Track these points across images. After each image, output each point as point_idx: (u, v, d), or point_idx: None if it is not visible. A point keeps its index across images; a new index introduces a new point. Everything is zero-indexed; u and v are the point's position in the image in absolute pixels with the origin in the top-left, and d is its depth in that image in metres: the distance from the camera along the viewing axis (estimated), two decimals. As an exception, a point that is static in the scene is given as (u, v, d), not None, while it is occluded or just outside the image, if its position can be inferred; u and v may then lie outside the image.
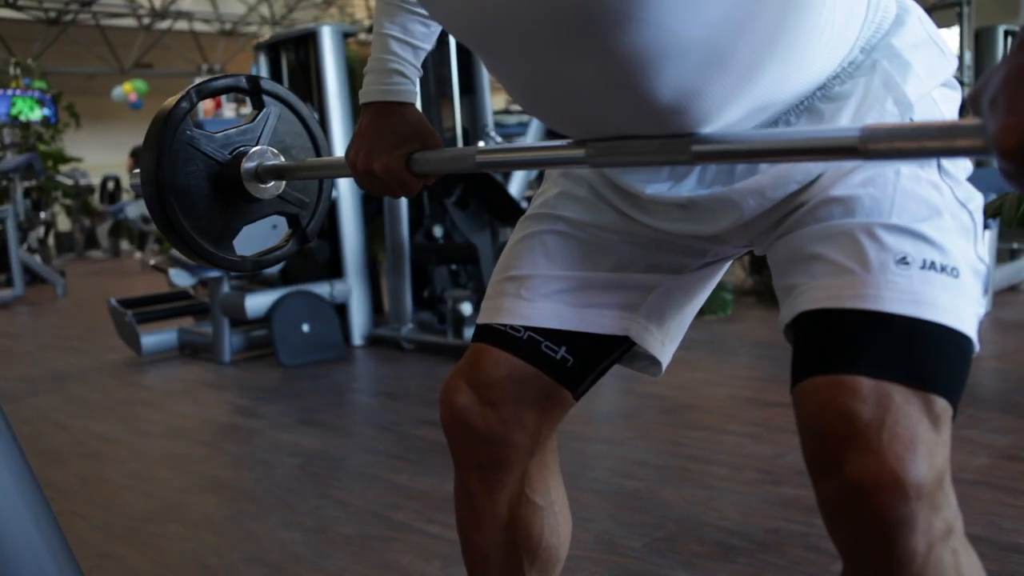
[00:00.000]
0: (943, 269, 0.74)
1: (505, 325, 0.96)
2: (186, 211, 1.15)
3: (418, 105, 1.05)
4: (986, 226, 3.81)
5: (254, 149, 1.20)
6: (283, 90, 1.27)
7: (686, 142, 0.76)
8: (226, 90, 1.24)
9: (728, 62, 0.75)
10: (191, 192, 1.16)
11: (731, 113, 0.79)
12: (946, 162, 0.81)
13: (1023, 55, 0.52)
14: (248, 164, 1.18)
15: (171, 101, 1.15)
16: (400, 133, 0.99)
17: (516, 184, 4.08)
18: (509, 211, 3.85)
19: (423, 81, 4.29)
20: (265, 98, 1.25)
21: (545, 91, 0.84)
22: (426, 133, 1.00)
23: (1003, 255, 4.51)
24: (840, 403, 0.69)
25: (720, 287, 4.29)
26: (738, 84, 0.77)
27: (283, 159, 1.22)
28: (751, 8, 0.72)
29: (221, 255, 1.19)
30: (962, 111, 0.87)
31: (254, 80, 1.24)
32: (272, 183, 1.19)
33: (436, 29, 1.05)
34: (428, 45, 1.05)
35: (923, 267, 0.74)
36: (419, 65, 1.05)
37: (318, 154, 1.29)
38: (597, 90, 0.79)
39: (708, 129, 0.80)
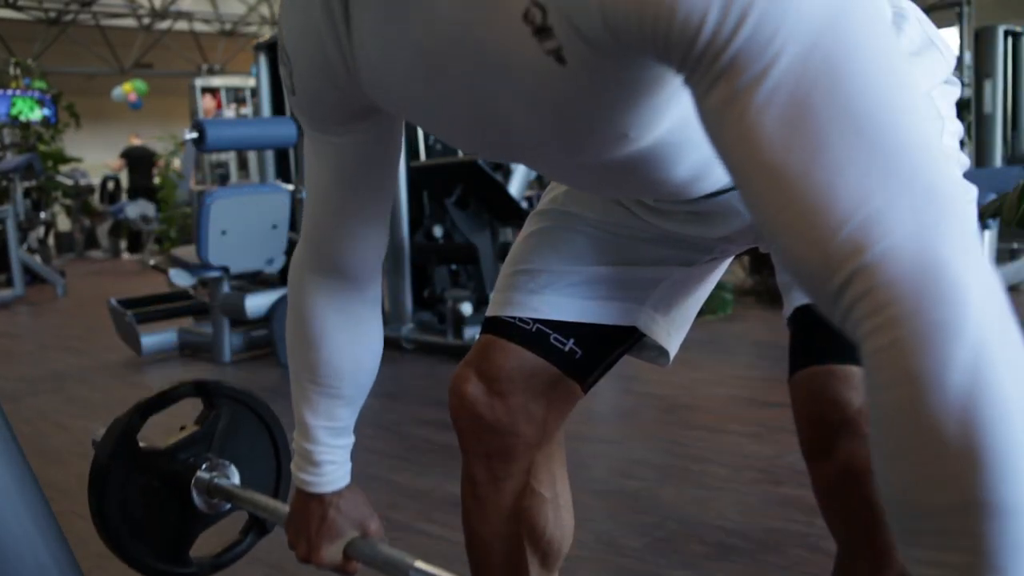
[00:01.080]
0: None
1: (515, 317, 0.98)
2: (137, 534, 1.17)
3: None
4: (986, 226, 3.82)
5: (204, 466, 1.22)
6: (235, 391, 1.28)
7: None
8: (174, 400, 1.25)
9: None
10: (141, 516, 1.18)
11: None
12: None
13: None
14: (198, 483, 1.20)
15: (118, 424, 1.17)
16: (337, 525, 1.02)
17: (516, 184, 4.08)
18: (509, 211, 3.85)
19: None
20: (216, 400, 1.26)
21: (563, 179, 0.90)
22: (363, 518, 1.03)
23: (1003, 255, 4.51)
24: (833, 391, 0.72)
25: (720, 287, 4.28)
26: None
27: (235, 471, 1.24)
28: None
29: (175, 571, 1.22)
30: (958, 108, 0.88)
31: (202, 385, 1.25)
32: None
33: (361, 401, 1.04)
34: (353, 420, 1.04)
35: None
36: (350, 439, 1.04)
37: (276, 453, 1.32)
38: (616, 182, 0.81)
39: (722, 184, 0.82)
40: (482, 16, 0.58)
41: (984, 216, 3.45)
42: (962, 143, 0.95)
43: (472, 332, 3.66)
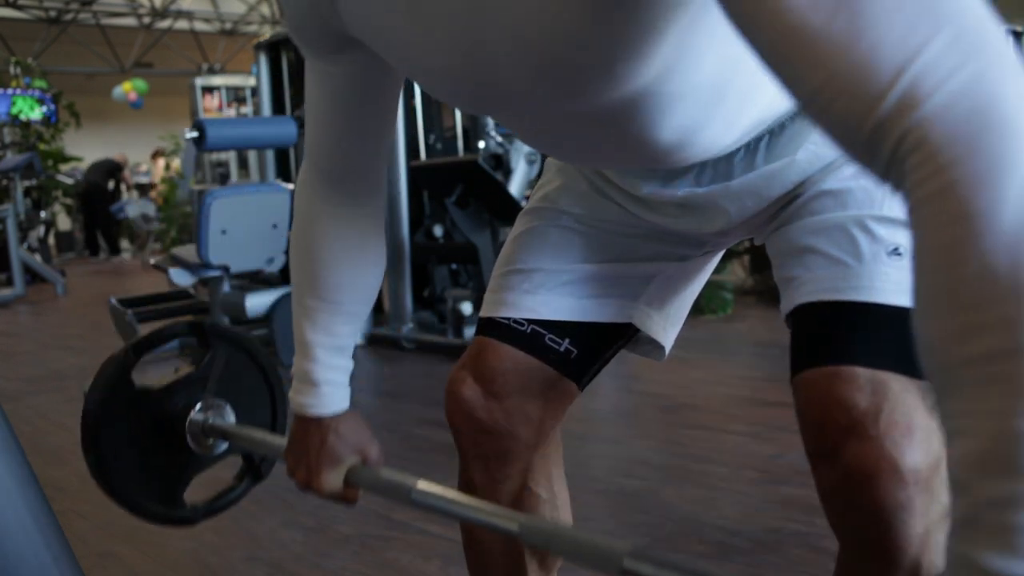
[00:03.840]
0: None
1: (508, 318, 0.97)
2: (130, 474, 1.16)
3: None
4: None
5: (199, 405, 1.20)
6: (230, 331, 1.27)
7: (618, 555, 0.71)
8: (168, 339, 1.24)
9: (726, 95, 0.75)
10: (135, 455, 1.17)
11: (729, 137, 0.80)
12: None
13: None
14: (193, 423, 1.18)
15: (111, 361, 1.16)
16: (337, 450, 1.00)
17: (516, 183, 4.08)
18: (509, 210, 3.85)
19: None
20: (212, 340, 1.24)
21: (545, 138, 0.86)
22: (363, 443, 1.02)
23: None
24: (838, 392, 0.70)
25: (720, 286, 4.28)
26: (736, 111, 0.78)
27: (230, 412, 1.22)
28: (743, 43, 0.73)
29: (171, 513, 1.20)
30: None
31: (198, 325, 1.24)
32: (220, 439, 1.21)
33: (362, 321, 1.01)
34: (355, 339, 1.01)
35: None
36: (350, 361, 1.01)
37: (272, 393, 1.30)
38: (598, 138, 0.79)
39: (708, 155, 0.81)
40: None
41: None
42: None
43: (472, 331, 3.65)
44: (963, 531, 0.41)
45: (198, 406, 1.19)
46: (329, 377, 0.98)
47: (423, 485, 0.91)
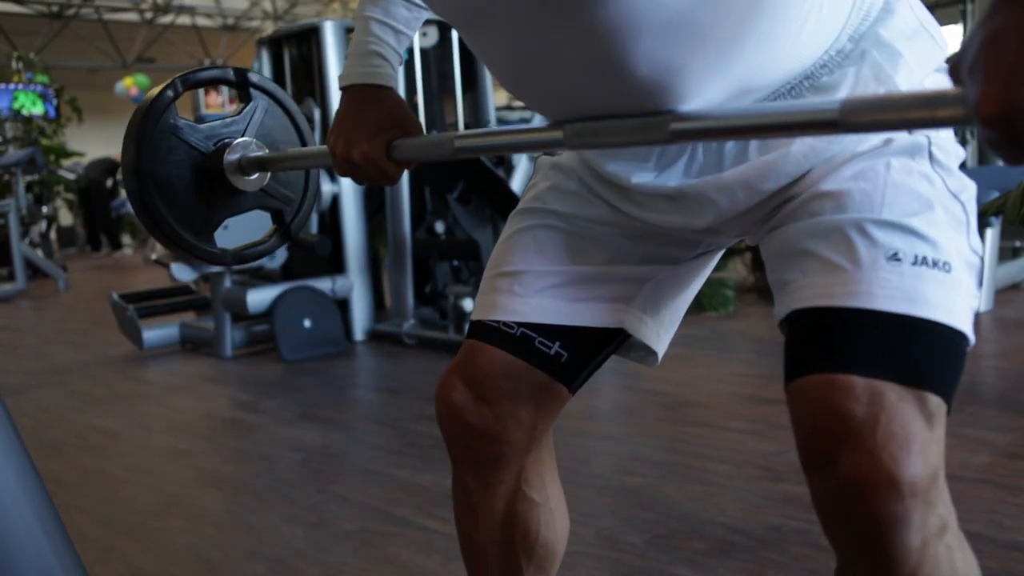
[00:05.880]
0: (935, 264, 0.73)
1: (498, 321, 0.95)
2: (167, 201, 1.12)
3: (401, 91, 1.01)
4: (989, 224, 3.81)
5: (238, 141, 1.17)
6: (270, 84, 1.25)
7: (664, 120, 0.74)
8: (213, 81, 1.22)
9: (708, 37, 0.73)
10: (173, 182, 1.14)
11: (711, 93, 0.78)
12: (937, 152, 0.80)
13: (998, 18, 0.50)
14: (231, 156, 1.16)
15: (155, 90, 1.13)
16: (379, 120, 0.98)
17: (518, 179, 4.08)
18: (511, 206, 3.84)
19: (426, 77, 4.28)
20: (252, 91, 1.23)
21: (528, 69, 0.84)
22: (406, 119, 0.99)
23: (1005, 253, 4.50)
24: (833, 402, 0.69)
25: (722, 284, 4.28)
26: (718, 61, 0.75)
27: (268, 152, 1.19)
28: None
29: (202, 247, 1.17)
30: None
31: (241, 72, 1.22)
32: (256, 175, 1.17)
33: (420, 15, 1.03)
34: (411, 31, 1.03)
35: (914, 263, 0.73)
36: (401, 50, 1.03)
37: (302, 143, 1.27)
38: (577, 66, 0.78)
39: (694, 102, 0.78)
40: None
41: (987, 214, 3.44)
42: (964, 141, 0.93)
43: (473, 328, 3.66)
44: None
45: (236, 143, 1.18)
46: (378, 50, 1.01)
47: (461, 140, 0.90)
